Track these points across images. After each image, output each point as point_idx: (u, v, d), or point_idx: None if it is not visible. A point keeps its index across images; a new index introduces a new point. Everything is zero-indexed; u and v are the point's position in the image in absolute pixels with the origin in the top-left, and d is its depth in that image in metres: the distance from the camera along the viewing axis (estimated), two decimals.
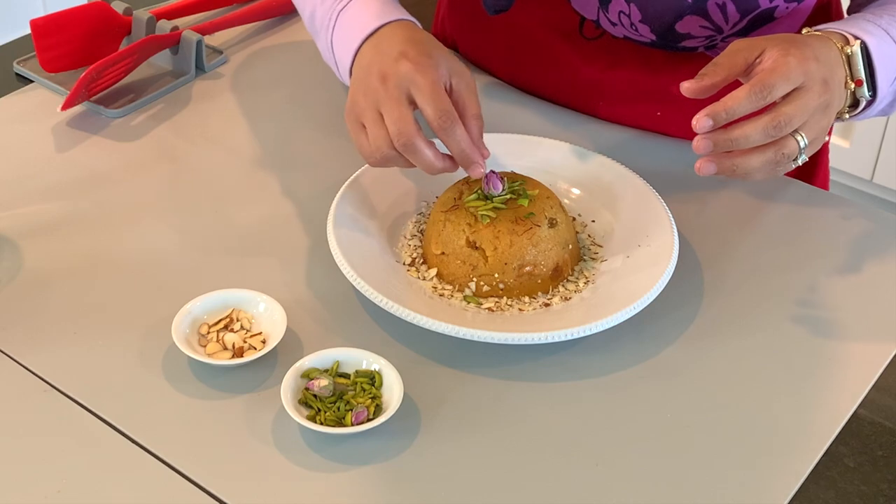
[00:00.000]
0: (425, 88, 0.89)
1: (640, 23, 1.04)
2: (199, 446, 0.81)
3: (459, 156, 0.91)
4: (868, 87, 0.93)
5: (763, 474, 0.80)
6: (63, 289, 0.94)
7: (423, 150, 0.89)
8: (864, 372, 0.89)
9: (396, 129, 0.89)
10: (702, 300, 0.95)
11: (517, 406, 0.85)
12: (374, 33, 0.96)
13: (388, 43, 0.94)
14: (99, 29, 1.19)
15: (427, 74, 0.90)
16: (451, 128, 0.89)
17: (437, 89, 0.89)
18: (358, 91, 0.93)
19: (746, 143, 0.86)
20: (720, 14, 1.01)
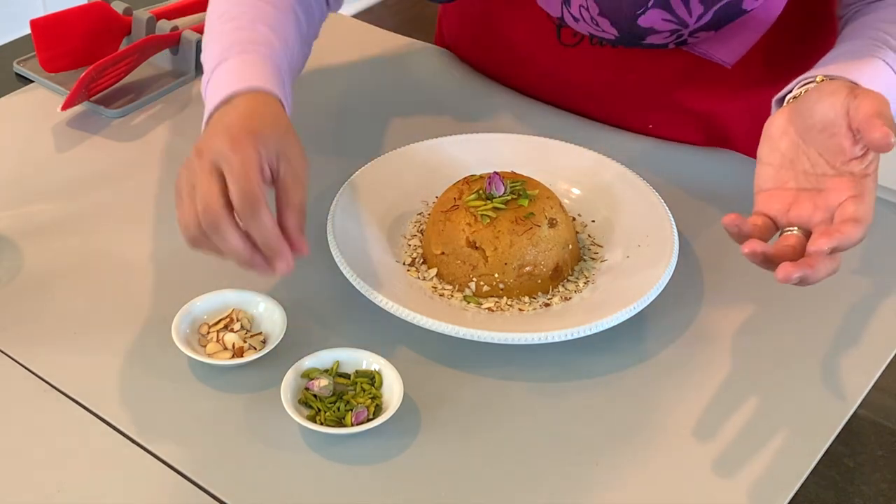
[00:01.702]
0: (234, 167, 0.81)
1: (599, 17, 1.02)
2: (199, 446, 0.81)
3: (263, 245, 0.81)
4: None
5: (763, 474, 0.80)
6: (63, 289, 0.94)
7: (227, 233, 0.81)
8: (864, 372, 0.89)
9: (202, 205, 0.81)
10: (702, 300, 0.95)
11: (517, 406, 0.85)
12: (225, 101, 0.89)
13: (226, 116, 0.87)
14: (99, 29, 1.19)
15: (240, 152, 0.82)
16: (253, 213, 0.80)
17: (246, 169, 0.81)
18: (184, 164, 0.86)
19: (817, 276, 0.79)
20: (683, 8, 0.99)
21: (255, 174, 0.82)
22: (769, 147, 0.87)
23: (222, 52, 0.93)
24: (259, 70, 0.91)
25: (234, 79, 0.90)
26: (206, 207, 0.81)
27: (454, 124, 1.15)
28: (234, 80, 0.90)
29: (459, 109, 1.19)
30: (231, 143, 0.83)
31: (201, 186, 0.82)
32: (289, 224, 0.84)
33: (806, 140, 0.85)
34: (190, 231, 0.82)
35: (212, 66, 0.93)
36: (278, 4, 0.98)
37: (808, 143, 0.85)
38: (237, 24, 0.95)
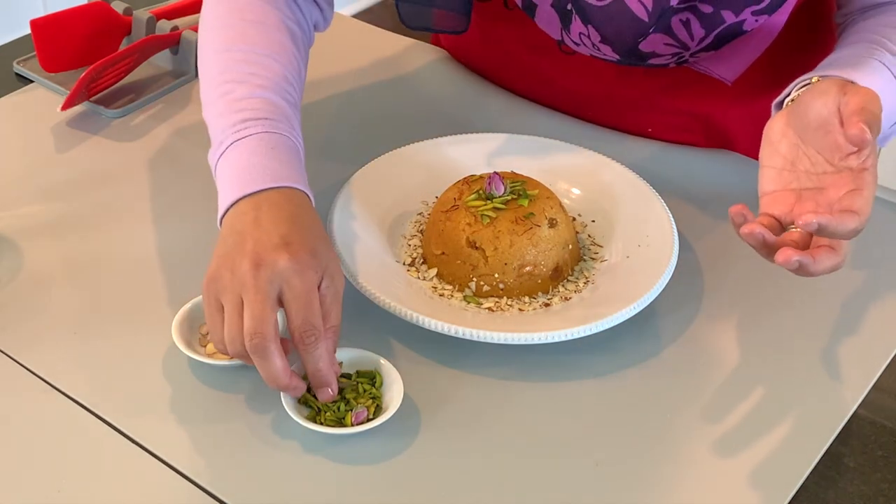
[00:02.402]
0: (300, 295, 0.79)
1: (601, 43, 1.03)
2: (199, 446, 0.81)
3: (314, 374, 0.81)
4: None
5: (763, 474, 0.80)
6: (63, 289, 0.94)
7: (273, 358, 0.79)
8: (864, 372, 0.89)
9: (253, 327, 0.78)
10: (702, 300, 0.95)
11: (517, 406, 0.85)
12: (258, 192, 0.85)
13: (270, 218, 0.83)
14: (99, 29, 1.19)
15: (305, 278, 0.80)
16: (315, 345, 0.80)
17: (309, 298, 0.80)
18: (224, 265, 0.81)
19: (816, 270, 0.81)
20: (685, 31, 1.00)
21: (317, 304, 0.80)
22: (770, 150, 0.87)
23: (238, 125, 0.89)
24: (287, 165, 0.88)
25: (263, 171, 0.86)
26: (258, 333, 0.78)
27: (454, 124, 1.15)
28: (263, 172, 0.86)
29: (459, 109, 1.19)
30: (295, 266, 0.80)
31: (254, 308, 0.79)
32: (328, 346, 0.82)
33: (804, 140, 0.85)
34: (235, 346, 0.80)
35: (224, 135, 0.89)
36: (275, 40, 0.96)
37: (806, 143, 0.85)
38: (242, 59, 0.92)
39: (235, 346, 0.80)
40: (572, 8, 1.01)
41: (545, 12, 1.04)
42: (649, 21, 0.98)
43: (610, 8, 0.99)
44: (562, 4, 1.02)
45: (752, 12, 0.97)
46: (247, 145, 0.88)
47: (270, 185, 0.85)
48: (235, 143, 0.88)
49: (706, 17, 0.98)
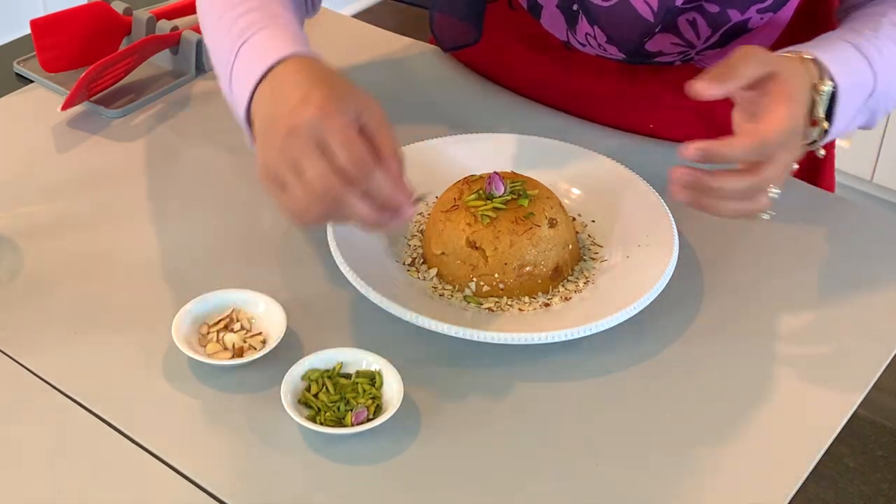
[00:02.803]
0: (336, 136, 0.80)
1: (607, 44, 1.03)
2: (199, 446, 0.81)
3: (384, 202, 0.81)
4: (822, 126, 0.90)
5: (763, 474, 0.80)
6: (63, 289, 0.94)
7: (353, 204, 0.80)
8: (864, 372, 0.89)
9: (321, 185, 0.80)
10: (702, 300, 0.95)
11: (517, 406, 0.85)
12: (268, 73, 0.86)
13: (287, 86, 0.84)
14: (99, 29, 1.19)
15: (334, 120, 0.80)
16: (371, 174, 0.80)
17: (347, 136, 0.80)
18: (270, 148, 0.83)
19: (721, 196, 0.84)
20: (691, 30, 1.00)
21: (357, 138, 0.80)
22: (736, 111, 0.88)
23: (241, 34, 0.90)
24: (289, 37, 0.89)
25: (266, 52, 0.87)
26: (327, 186, 0.79)
27: (454, 124, 1.15)
28: (267, 52, 0.87)
29: (459, 109, 1.19)
30: (321, 113, 0.80)
31: (311, 167, 0.80)
32: (392, 172, 0.82)
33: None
34: (312, 214, 0.81)
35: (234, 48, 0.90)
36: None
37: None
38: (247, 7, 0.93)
39: (312, 210, 0.80)
40: (578, 8, 1.01)
41: (551, 13, 1.04)
42: (655, 21, 0.98)
43: (616, 8, 0.99)
44: (567, 5, 1.02)
45: (757, 10, 0.97)
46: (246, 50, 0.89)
47: (272, 62, 0.86)
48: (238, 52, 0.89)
49: (712, 16, 0.98)
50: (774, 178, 0.84)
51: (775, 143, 0.83)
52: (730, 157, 0.83)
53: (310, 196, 0.80)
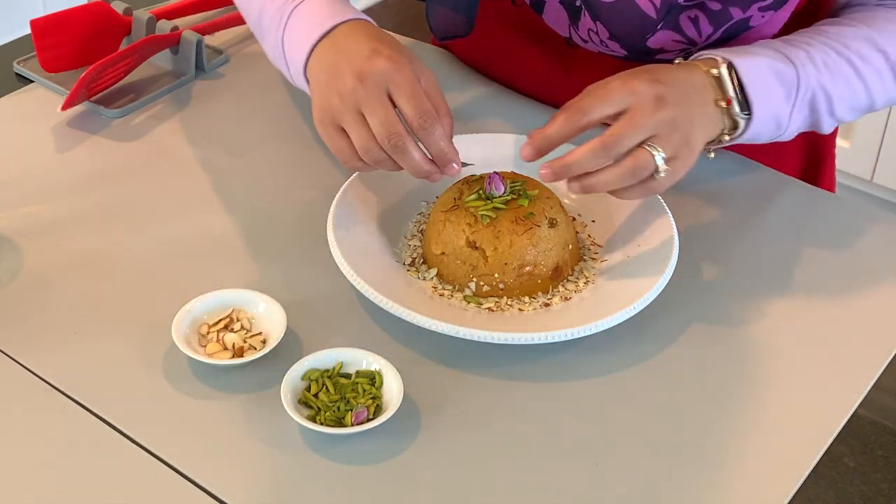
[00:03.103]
0: (405, 87, 0.88)
1: (609, 40, 1.03)
2: (199, 446, 0.81)
3: (438, 155, 0.89)
4: (742, 106, 0.93)
5: (763, 474, 0.80)
6: (63, 289, 0.94)
7: (412, 152, 0.88)
8: (864, 372, 0.89)
9: (386, 130, 0.87)
10: (702, 300, 0.95)
11: (517, 406, 0.85)
12: (329, 32, 0.93)
13: (352, 41, 0.91)
14: (99, 29, 1.19)
15: (404, 72, 0.88)
16: (432, 127, 0.88)
17: (415, 89, 0.88)
18: (330, 93, 0.90)
19: (582, 167, 0.87)
20: (693, 28, 1.00)
21: (422, 92, 0.88)
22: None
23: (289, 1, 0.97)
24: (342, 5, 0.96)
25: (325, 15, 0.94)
26: (391, 131, 0.87)
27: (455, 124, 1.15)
28: (327, 16, 0.94)
29: (459, 109, 1.19)
30: (392, 65, 0.88)
31: (377, 112, 0.87)
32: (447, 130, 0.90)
33: None
34: (370, 154, 0.89)
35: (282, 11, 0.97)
36: None
37: None
38: None
39: (372, 154, 0.88)
40: (581, 4, 1.02)
41: (554, 9, 1.05)
42: (657, 18, 0.99)
43: (619, 4, 1.00)
44: (570, 0, 1.02)
45: (758, 8, 0.98)
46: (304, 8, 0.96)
47: (337, 22, 0.93)
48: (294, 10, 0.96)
49: (714, 14, 0.99)
50: (625, 135, 0.86)
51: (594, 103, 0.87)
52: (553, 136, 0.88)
53: (369, 141, 0.88)
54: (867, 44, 0.98)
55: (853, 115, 1.01)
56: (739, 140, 0.96)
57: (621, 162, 0.87)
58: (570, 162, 0.87)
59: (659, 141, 0.87)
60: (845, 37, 0.98)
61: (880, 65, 0.98)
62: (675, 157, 0.88)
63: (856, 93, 0.98)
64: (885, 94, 1.00)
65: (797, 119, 0.97)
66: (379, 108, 0.87)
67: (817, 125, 1.00)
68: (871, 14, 1.01)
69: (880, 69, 0.98)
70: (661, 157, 0.87)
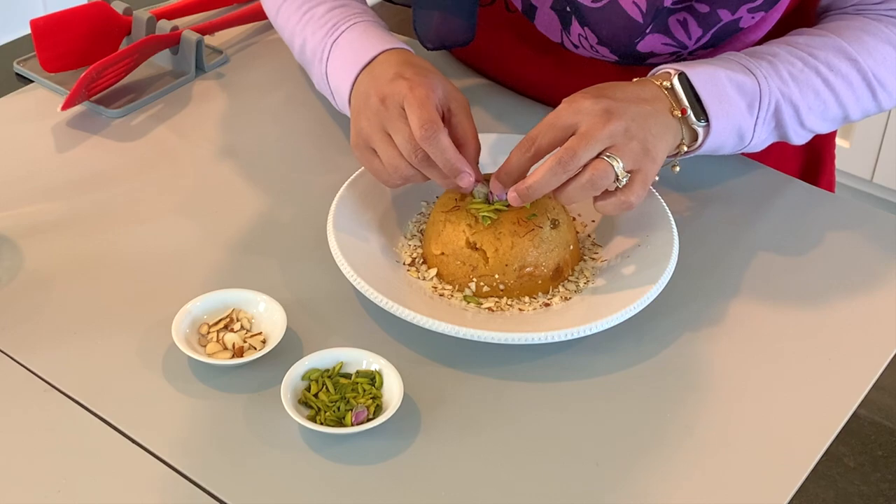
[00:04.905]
0: (413, 101, 0.90)
1: (598, 45, 1.03)
2: (199, 446, 0.81)
3: (444, 166, 0.90)
4: (698, 114, 0.93)
5: (763, 474, 0.80)
6: (63, 289, 0.94)
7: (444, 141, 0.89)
8: (864, 372, 0.89)
9: (410, 146, 0.90)
10: (702, 300, 0.95)
11: (517, 406, 0.85)
12: (370, 62, 0.98)
13: (383, 68, 0.96)
14: (99, 29, 1.19)
15: (417, 90, 0.91)
16: (435, 136, 0.89)
17: (424, 102, 0.90)
18: (361, 118, 0.94)
19: (545, 187, 0.88)
20: (682, 31, 1.00)
21: (431, 105, 0.90)
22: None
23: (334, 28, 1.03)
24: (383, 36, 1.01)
25: (367, 46, 1.00)
26: (414, 148, 0.90)
27: None
28: (368, 47, 1.00)
29: None
30: (409, 84, 0.92)
31: (400, 130, 0.91)
32: (470, 154, 0.93)
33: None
34: (399, 172, 0.92)
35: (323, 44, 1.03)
36: None
37: None
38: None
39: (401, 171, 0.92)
40: (570, 10, 1.01)
41: (545, 14, 1.05)
42: (644, 22, 0.98)
43: (605, 9, 1.00)
44: (561, 6, 1.02)
45: (748, 9, 0.97)
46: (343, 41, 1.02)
47: (375, 53, 0.99)
48: (334, 44, 1.03)
49: (703, 17, 0.98)
50: (579, 148, 0.87)
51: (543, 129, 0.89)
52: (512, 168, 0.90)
53: (397, 159, 0.91)
54: (836, 53, 0.98)
55: (827, 125, 1.01)
56: (701, 151, 0.96)
57: (580, 174, 0.88)
58: (531, 184, 0.88)
59: (616, 151, 0.88)
60: (813, 46, 0.99)
61: (850, 74, 0.98)
62: (638, 167, 0.89)
63: (825, 103, 0.98)
64: (858, 103, 1.00)
65: (762, 131, 0.98)
66: (401, 126, 0.91)
67: (785, 136, 1.00)
68: (845, 24, 1.01)
69: (850, 79, 0.98)
70: (619, 166, 0.87)
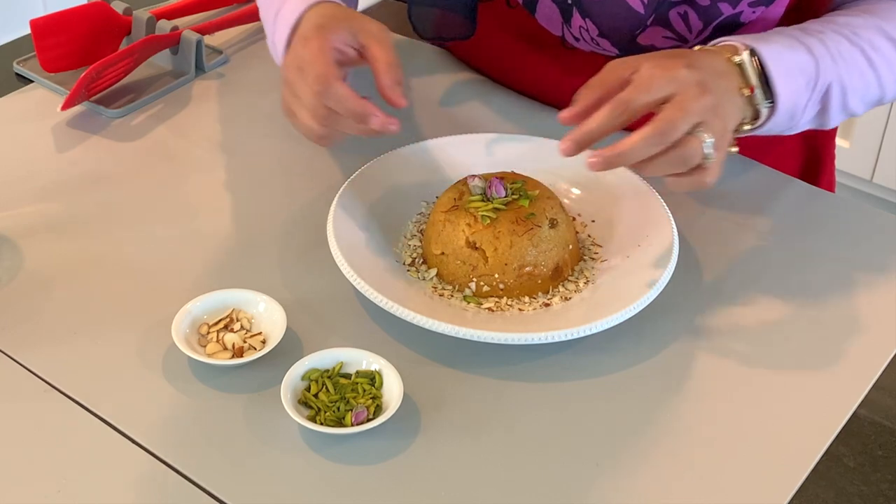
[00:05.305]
0: (306, 59, 0.90)
1: (599, 37, 1.03)
2: (199, 446, 0.81)
3: (349, 114, 0.89)
4: (765, 94, 0.91)
5: (763, 474, 0.80)
6: (63, 289, 0.94)
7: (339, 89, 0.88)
8: (864, 372, 0.89)
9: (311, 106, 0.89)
10: (702, 300, 0.95)
11: (517, 406, 0.85)
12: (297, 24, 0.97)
13: (300, 30, 0.95)
14: (99, 29, 1.19)
15: (310, 46, 0.90)
16: (327, 89, 0.88)
17: (314, 56, 0.89)
18: (283, 84, 0.95)
19: (636, 156, 0.84)
20: (682, 24, 1.00)
21: (321, 56, 0.89)
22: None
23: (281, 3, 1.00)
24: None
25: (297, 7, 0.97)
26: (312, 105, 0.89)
27: (454, 124, 1.15)
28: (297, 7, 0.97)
29: (459, 109, 1.19)
30: (304, 43, 0.91)
31: (300, 90, 0.90)
32: (383, 81, 0.91)
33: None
34: (315, 131, 0.91)
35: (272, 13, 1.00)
36: None
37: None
38: None
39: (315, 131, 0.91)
40: (571, 1, 1.01)
41: (546, 7, 1.04)
42: (645, 13, 0.98)
43: (606, 0, 0.99)
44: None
45: (748, 4, 0.97)
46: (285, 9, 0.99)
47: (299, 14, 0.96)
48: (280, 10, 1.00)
49: (703, 10, 0.98)
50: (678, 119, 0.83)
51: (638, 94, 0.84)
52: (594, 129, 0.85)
53: (307, 116, 0.90)
54: (877, 32, 0.96)
55: (864, 107, 0.99)
56: (758, 132, 0.94)
57: (672, 148, 0.84)
58: (623, 151, 0.83)
59: (705, 128, 0.84)
60: (855, 26, 0.96)
61: (890, 54, 0.96)
62: (719, 146, 0.86)
63: (868, 84, 0.96)
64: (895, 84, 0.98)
65: (808, 113, 0.95)
66: (301, 87, 0.90)
67: (825, 120, 0.97)
68: (872, 6, 0.99)
69: (891, 59, 0.96)
70: (709, 144, 0.84)
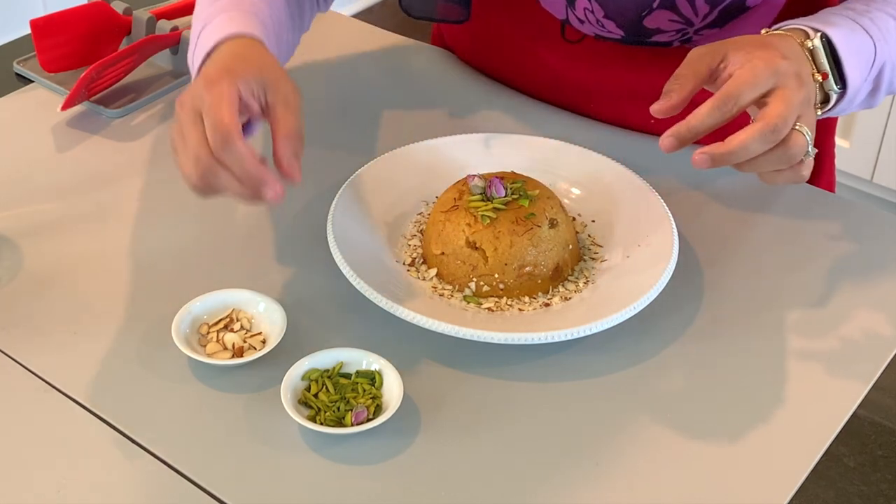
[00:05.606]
0: (206, 103, 0.80)
1: (604, 19, 1.02)
2: (199, 446, 0.81)
3: (242, 177, 0.80)
4: (836, 79, 0.89)
5: (763, 474, 0.80)
6: (63, 289, 0.94)
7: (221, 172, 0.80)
8: (864, 372, 0.89)
9: (194, 153, 0.80)
10: (702, 300, 0.95)
11: (517, 406, 0.85)
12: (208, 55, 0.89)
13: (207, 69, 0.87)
14: (99, 29, 1.19)
15: (214, 90, 0.81)
16: (225, 143, 0.79)
17: (216, 103, 0.80)
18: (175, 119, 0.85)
19: (748, 154, 0.81)
20: (689, 7, 1.00)
21: (227, 107, 0.80)
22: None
23: (207, 18, 0.92)
24: (240, 21, 0.90)
25: (216, 33, 0.90)
26: (197, 155, 0.80)
27: (454, 124, 1.15)
28: (215, 34, 0.89)
29: (459, 109, 1.19)
30: (206, 84, 0.82)
31: (189, 135, 0.81)
32: (280, 152, 0.82)
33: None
34: (191, 179, 0.81)
35: (196, 32, 0.93)
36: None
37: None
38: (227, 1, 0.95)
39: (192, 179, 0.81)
40: None
41: None
42: None
43: None
44: None
45: None
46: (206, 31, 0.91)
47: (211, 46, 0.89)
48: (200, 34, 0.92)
49: None
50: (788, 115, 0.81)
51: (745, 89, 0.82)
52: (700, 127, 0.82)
53: (188, 164, 0.81)
54: None
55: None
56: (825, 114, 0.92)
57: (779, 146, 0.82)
58: (733, 149, 0.80)
59: (802, 121, 0.83)
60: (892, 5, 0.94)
61: None
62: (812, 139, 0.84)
63: None
64: None
65: (863, 94, 0.93)
66: (191, 131, 0.81)
67: (874, 101, 0.95)
68: None
69: None
70: (809, 138, 0.83)
